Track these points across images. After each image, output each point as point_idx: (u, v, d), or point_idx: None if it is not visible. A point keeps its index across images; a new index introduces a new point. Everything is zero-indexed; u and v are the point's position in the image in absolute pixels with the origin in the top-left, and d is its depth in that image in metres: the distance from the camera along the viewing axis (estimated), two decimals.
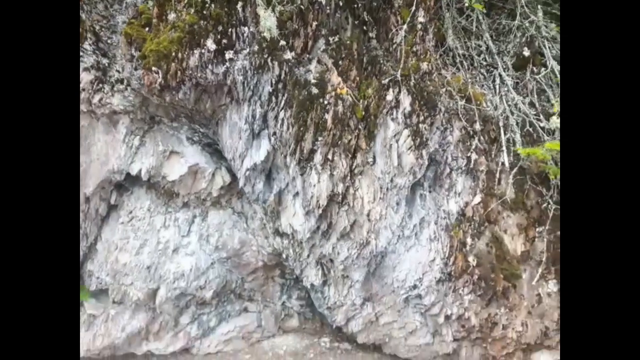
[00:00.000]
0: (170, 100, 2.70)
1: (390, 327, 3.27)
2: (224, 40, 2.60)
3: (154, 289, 3.27)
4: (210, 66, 2.59)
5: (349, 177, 2.72)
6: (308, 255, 3.50)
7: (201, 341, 3.80)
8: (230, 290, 3.85)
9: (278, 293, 4.21)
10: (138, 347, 3.52)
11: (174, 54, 2.50)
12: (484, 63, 3.25)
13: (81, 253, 3.17)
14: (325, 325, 4.43)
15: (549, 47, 3.09)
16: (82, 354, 3.22)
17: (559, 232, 2.60)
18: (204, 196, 3.43)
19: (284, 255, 3.65)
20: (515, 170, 2.78)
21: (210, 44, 2.54)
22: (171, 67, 2.53)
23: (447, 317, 2.78)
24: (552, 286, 2.64)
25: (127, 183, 3.18)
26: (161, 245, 3.25)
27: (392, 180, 2.69)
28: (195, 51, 2.53)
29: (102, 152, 2.87)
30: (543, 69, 3.03)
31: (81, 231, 3.09)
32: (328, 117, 2.73)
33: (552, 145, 2.43)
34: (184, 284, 3.35)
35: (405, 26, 2.80)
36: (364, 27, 2.97)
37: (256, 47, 2.66)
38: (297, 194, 2.99)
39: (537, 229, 2.77)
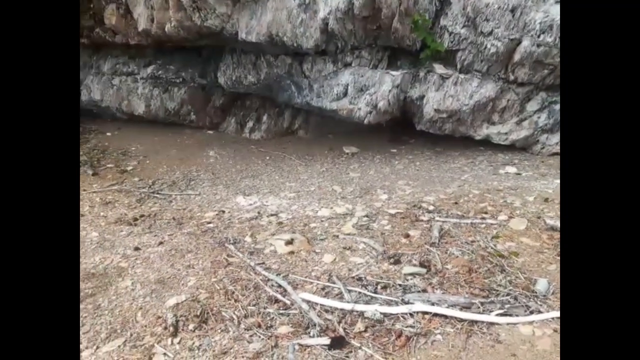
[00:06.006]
0: None
1: None
2: None
3: (516, 39, 2.82)
4: None
5: None
6: None
7: (548, 136, 3.21)
8: None
9: None
10: (479, 128, 3.27)
11: None
12: None
13: (433, 10, 3.02)
14: None
15: None
16: (430, 115, 3.20)
17: None
18: None
19: None
20: None
21: None
22: None
23: None
24: None
25: None
26: None
27: None
28: None
29: None
30: None
31: None
32: None
33: None
34: (550, 39, 2.76)
35: None
36: None
37: None
38: None
39: None
